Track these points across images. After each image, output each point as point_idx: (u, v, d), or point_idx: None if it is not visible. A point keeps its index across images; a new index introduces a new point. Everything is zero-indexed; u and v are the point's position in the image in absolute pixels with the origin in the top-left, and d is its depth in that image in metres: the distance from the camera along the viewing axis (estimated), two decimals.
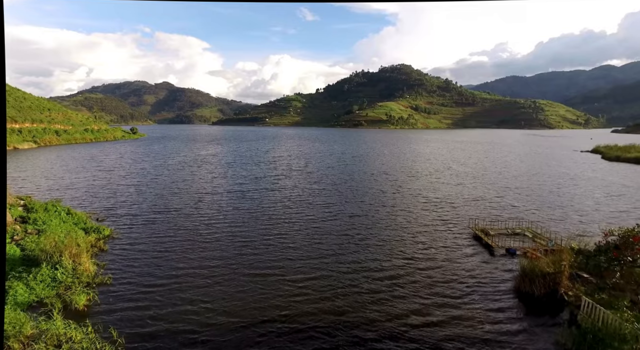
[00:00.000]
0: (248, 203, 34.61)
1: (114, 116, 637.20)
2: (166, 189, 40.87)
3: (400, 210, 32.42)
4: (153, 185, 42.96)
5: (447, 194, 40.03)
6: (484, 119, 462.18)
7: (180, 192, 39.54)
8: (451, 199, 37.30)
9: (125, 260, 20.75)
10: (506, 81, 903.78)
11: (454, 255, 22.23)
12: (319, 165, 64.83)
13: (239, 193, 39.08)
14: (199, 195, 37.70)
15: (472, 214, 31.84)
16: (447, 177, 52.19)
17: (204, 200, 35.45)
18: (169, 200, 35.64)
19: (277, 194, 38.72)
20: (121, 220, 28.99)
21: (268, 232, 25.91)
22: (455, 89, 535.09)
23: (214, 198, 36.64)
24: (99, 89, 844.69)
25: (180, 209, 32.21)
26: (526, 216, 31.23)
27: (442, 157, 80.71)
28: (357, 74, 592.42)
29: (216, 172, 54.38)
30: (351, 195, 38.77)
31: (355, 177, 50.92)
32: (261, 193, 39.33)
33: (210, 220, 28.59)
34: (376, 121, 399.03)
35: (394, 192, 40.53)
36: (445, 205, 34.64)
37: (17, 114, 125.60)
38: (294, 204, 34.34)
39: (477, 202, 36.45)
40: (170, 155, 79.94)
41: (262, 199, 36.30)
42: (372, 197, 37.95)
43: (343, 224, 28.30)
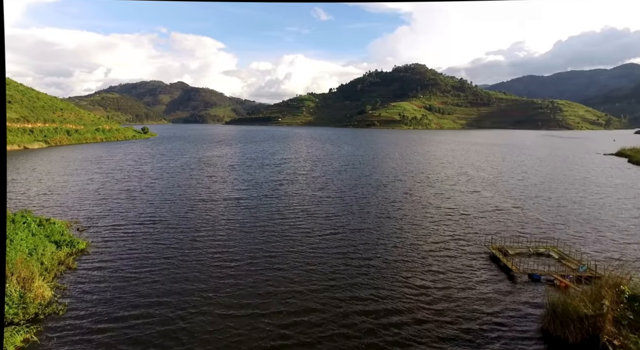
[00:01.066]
0: (242, 213, 31.89)
1: (129, 115, 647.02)
2: (160, 195, 38.58)
3: (408, 224, 29.25)
4: (148, 191, 40.75)
5: (461, 203, 36.64)
6: (500, 120, 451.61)
7: (174, 198, 37.18)
8: (465, 210, 33.93)
9: (90, 283, 18.28)
10: (523, 81, 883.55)
11: (467, 283, 19.07)
12: (326, 169, 61.94)
13: (234, 201, 36.44)
14: (191, 203, 35.23)
15: (488, 228, 28.53)
16: (461, 183, 48.66)
17: (195, 209, 32.93)
18: (159, 208, 33.26)
19: (276, 203, 35.96)
20: (103, 230, 26.71)
21: (257, 252, 23.07)
22: (470, 88, 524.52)
23: (206, 206, 34.08)
24: (115, 88, 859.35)
25: (167, 219, 29.72)
26: (550, 232, 27.76)
27: (457, 161, 76.85)
28: (371, 73, 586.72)
29: (217, 176, 52.02)
30: (356, 204, 35.76)
31: (363, 183, 47.85)
32: (259, 201, 36.64)
33: (196, 235, 25.96)
34: (389, 121, 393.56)
35: (402, 201, 37.34)
36: (459, 218, 31.33)
37: (29, 114, 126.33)
38: (293, 215, 31.52)
39: (494, 213, 33.01)
40: (175, 157, 78.18)
41: (258, 209, 33.58)
42: (379, 207, 34.87)
43: (343, 240, 25.32)
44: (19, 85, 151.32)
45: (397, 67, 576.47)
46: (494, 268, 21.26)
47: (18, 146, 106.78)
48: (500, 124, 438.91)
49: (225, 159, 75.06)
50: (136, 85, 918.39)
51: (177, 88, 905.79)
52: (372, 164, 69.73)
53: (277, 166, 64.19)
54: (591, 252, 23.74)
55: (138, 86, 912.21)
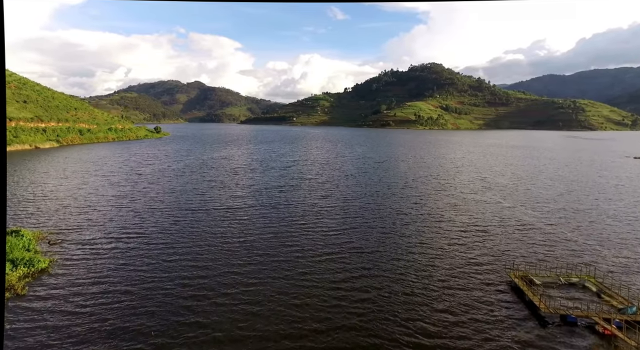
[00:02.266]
0: (232, 228, 28.76)
1: (147, 114, 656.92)
2: (150, 203, 35.93)
3: (416, 244, 25.59)
4: (138, 198, 38.18)
5: (478, 216, 32.74)
6: (518, 120, 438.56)
7: (163, 207, 34.43)
8: (483, 225, 30.05)
9: (30, 321, 15.43)
10: (543, 80, 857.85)
11: (483, 326, 15.46)
12: (333, 173, 58.54)
13: (226, 212, 33.38)
14: (180, 214, 32.37)
15: (509, 248, 24.70)
16: (478, 191, 44.55)
17: (181, 222, 29.99)
18: (143, 219, 30.49)
19: (271, 215, 32.73)
20: (75, 245, 24.07)
21: (239, 277, 19.94)
22: (488, 88, 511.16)
23: (193, 218, 31.07)
24: (134, 88, 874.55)
25: (148, 234, 26.84)
26: (583, 255, 23.76)
27: (474, 165, 72.27)
28: (386, 73, 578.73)
29: (216, 181, 49.21)
30: (360, 217, 32.28)
31: (370, 191, 44.26)
32: (254, 212, 33.51)
33: (173, 254, 22.96)
34: (404, 121, 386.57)
35: (412, 214, 33.63)
36: (475, 235, 27.50)
37: (44, 114, 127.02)
38: (289, 230, 28.25)
39: (515, 229, 29.04)
40: (179, 158, 76.04)
41: (252, 222, 30.42)
42: (385, 221, 31.29)
43: (341, 264, 21.91)
44: (36, 85, 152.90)
45: (413, 67, 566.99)
46: (516, 304, 17.58)
47: (29, 146, 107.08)
48: (519, 124, 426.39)
49: (230, 161, 72.48)
50: (154, 84, 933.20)
51: (194, 87, 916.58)
52: (383, 168, 65.94)
53: (282, 170, 61.13)
54: (638, 283, 19.75)
55: (156, 86, 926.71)
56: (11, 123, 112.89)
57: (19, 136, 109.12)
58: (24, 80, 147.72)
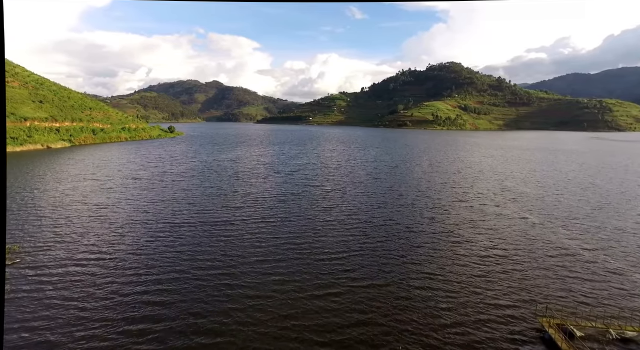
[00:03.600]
0: (213, 248, 25.15)
1: (166, 114, 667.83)
2: (132, 215, 32.80)
3: (426, 276, 21.26)
4: (122, 208, 35.17)
5: (502, 237, 28.17)
6: (541, 120, 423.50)
7: (145, 220, 31.22)
8: (507, 249, 25.56)
9: None
10: (566, 79, 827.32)
11: None
12: (343, 180, 54.56)
13: (214, 227, 29.81)
14: (161, 228, 28.99)
15: (540, 283, 20.29)
16: (501, 203, 39.79)
17: (159, 239, 26.55)
18: (120, 236, 27.27)
19: (265, 231, 29.02)
20: (28, 269, 20.97)
21: (206, 321, 16.32)
22: (509, 88, 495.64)
23: (174, 235, 27.53)
24: (155, 88, 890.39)
25: (117, 256, 23.48)
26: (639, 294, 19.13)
27: (495, 170, 66.88)
28: (404, 72, 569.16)
29: (214, 187, 45.92)
30: (365, 237, 28.18)
31: (380, 202, 40.09)
32: (244, 227, 29.84)
33: (137, 287, 19.47)
34: (422, 122, 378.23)
35: (425, 233, 29.34)
36: (498, 263, 23.06)
37: (59, 114, 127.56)
38: (278, 253, 24.48)
39: (547, 256, 24.43)
40: (184, 160, 73.35)
41: (238, 241, 26.72)
42: (393, 242, 27.14)
43: (331, 307, 17.96)
44: (53, 86, 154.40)
45: (431, 66, 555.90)
46: None
47: (42, 146, 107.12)
48: (541, 125, 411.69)
49: (235, 164, 69.29)
50: (174, 84, 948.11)
51: (212, 87, 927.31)
52: (396, 173, 61.47)
53: (287, 175, 57.50)
54: None
55: (175, 85, 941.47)
56: (26, 123, 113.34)
57: (32, 136, 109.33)
58: (42, 81, 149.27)
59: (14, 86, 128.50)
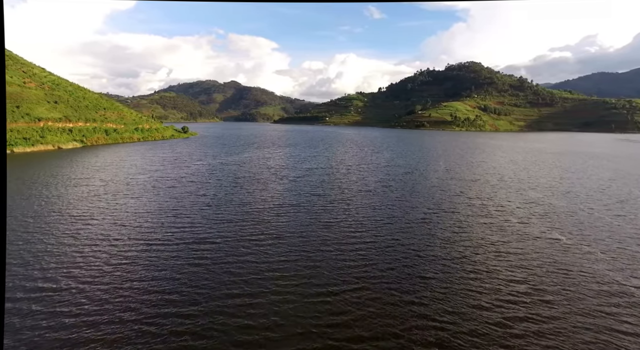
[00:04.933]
0: (181, 276, 21.55)
1: (184, 114, 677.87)
2: (107, 230, 29.58)
3: (430, 327, 16.91)
4: (106, 217, 32.12)
5: (529, 268, 23.48)
6: (564, 121, 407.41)
7: (126, 234, 27.96)
8: (536, 286, 20.99)
9: None
10: (592, 78, 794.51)
11: None
12: (351, 188, 50.45)
13: (195, 244, 26.21)
14: (137, 249, 25.59)
15: (581, 338, 15.87)
16: (526, 218, 34.95)
17: (127, 257, 23.19)
18: (89, 256, 24.05)
19: (251, 252, 25.26)
20: None
21: None
22: (531, 87, 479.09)
23: (145, 257, 23.95)
24: (174, 88, 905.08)
25: (75, 283, 20.23)
26: None
27: (517, 177, 61.36)
28: (422, 72, 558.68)
29: (208, 196, 42.49)
30: (364, 264, 24.10)
31: (388, 215, 35.87)
32: (227, 246, 26.12)
33: (94, 327, 16.04)
34: (440, 122, 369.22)
35: (436, 261, 24.92)
36: (524, 308, 18.61)
37: (72, 114, 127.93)
38: (260, 282, 20.75)
39: (590, 299, 19.77)
40: (188, 163, 70.59)
41: (213, 265, 23.09)
42: (395, 271, 22.94)
43: None
44: (69, 86, 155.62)
45: (450, 66, 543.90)
46: None
47: (52, 146, 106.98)
48: (564, 126, 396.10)
49: (239, 168, 66.03)
50: (192, 84, 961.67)
51: (230, 87, 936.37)
52: (409, 180, 56.92)
53: (291, 181, 53.77)
54: None
55: (194, 85, 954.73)
56: (40, 123, 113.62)
57: (45, 136, 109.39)
58: (58, 81, 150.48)
59: (30, 87, 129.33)
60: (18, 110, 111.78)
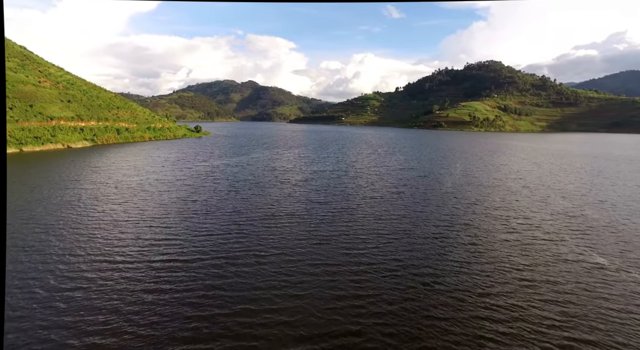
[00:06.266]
0: (158, 296, 17.85)
1: (201, 113, 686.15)
2: (77, 242, 26.32)
3: None
4: (75, 227, 28.89)
5: (566, 305, 18.76)
6: (589, 121, 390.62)
7: (89, 252, 24.55)
8: (577, 330, 16.49)
9: None
10: (619, 77, 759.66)
11: None
12: (358, 194, 46.16)
13: (164, 263, 22.46)
14: (101, 262, 22.16)
15: None
16: (556, 235, 29.98)
17: (93, 276, 19.63)
18: (47, 267, 20.68)
19: (224, 276, 21.48)
20: None
21: None
22: (554, 87, 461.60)
23: (112, 272, 20.45)
24: (193, 88, 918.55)
25: None
26: None
27: (543, 183, 55.67)
28: (440, 71, 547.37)
29: (199, 202, 38.90)
30: (358, 291, 19.91)
31: (394, 231, 31.48)
32: (200, 269, 22.35)
33: None
34: (458, 122, 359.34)
35: (446, 293, 20.45)
36: None
37: (85, 113, 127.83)
38: (227, 324, 16.89)
39: None
40: (189, 164, 67.56)
41: (189, 287, 19.34)
42: (400, 306, 18.75)
43: None
44: (83, 85, 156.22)
45: (469, 65, 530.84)
46: None
47: (62, 145, 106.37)
48: (589, 126, 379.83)
49: (243, 170, 62.47)
50: (211, 84, 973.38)
51: (247, 87, 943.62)
52: (422, 187, 52.13)
53: (294, 186, 49.81)
54: None
55: (212, 85, 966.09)
56: (52, 122, 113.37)
57: (56, 135, 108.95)
58: (73, 81, 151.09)
59: (45, 86, 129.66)
60: (31, 109, 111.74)
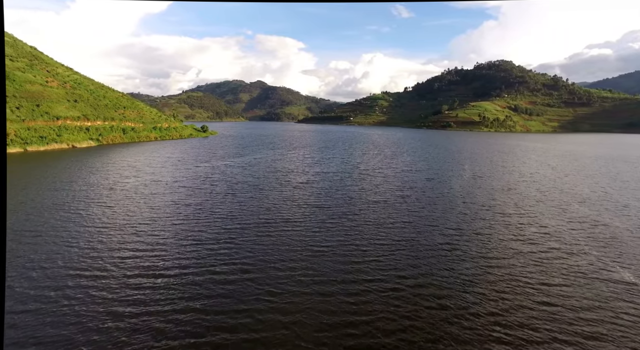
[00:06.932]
0: (124, 317, 15.84)
1: (210, 113, 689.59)
2: (40, 254, 24.57)
3: None
4: (52, 233, 27.18)
5: (598, 329, 16.46)
6: (603, 122, 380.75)
7: (59, 263, 22.76)
8: None
9: None
10: (634, 76, 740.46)
11: None
12: (360, 197, 43.85)
13: (141, 277, 20.50)
14: (76, 271, 20.29)
15: None
16: (578, 247, 27.27)
17: (69, 285, 17.73)
18: None
19: (204, 293, 19.44)
20: None
21: None
22: (566, 86, 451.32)
23: (83, 282, 18.54)
24: (202, 88, 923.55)
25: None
26: None
27: (559, 188, 52.57)
28: (450, 71, 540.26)
29: (192, 206, 37.02)
30: (353, 312, 17.73)
31: (395, 241, 29.14)
32: (181, 285, 20.38)
33: None
34: (467, 123, 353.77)
35: (449, 325, 18.12)
36: None
37: (91, 112, 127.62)
38: None
39: None
40: (189, 165, 65.85)
41: (159, 307, 17.36)
42: (393, 335, 16.46)
43: None
44: (90, 85, 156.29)
45: (479, 64, 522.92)
46: None
47: (67, 145, 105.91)
48: (603, 127, 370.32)
49: (243, 171, 60.49)
50: (220, 84, 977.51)
51: (256, 87, 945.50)
52: (429, 189, 49.57)
53: (295, 189, 47.66)
54: None
55: (222, 85, 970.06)
56: (58, 122, 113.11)
57: (61, 135, 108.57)
58: (80, 80, 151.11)
59: (52, 86, 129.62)
60: (38, 109, 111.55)
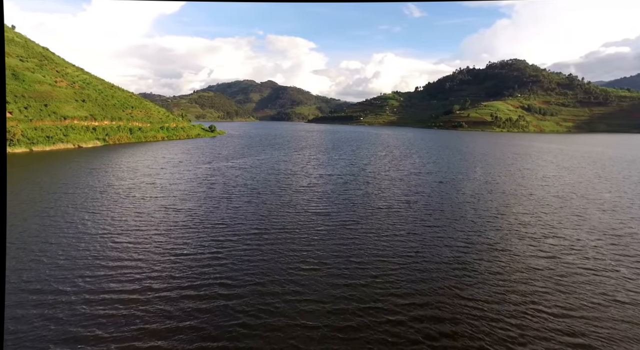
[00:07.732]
0: None
1: (221, 113, 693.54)
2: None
3: None
4: (30, 241, 25.26)
5: None
6: (620, 122, 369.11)
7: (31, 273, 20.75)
8: None
9: None
10: None
11: None
12: (364, 203, 41.20)
13: (120, 294, 18.43)
14: (59, 277, 18.23)
15: None
16: (604, 262, 24.35)
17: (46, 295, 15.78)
18: None
19: (192, 314, 17.15)
20: None
21: None
22: (581, 86, 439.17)
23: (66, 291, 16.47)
24: (213, 88, 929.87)
25: None
26: None
27: (579, 193, 49.08)
28: (461, 71, 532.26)
29: (184, 211, 34.88)
30: (350, 342, 15.30)
31: (400, 253, 26.41)
32: (163, 302, 18.15)
33: None
34: (479, 123, 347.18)
35: None
36: None
37: (98, 112, 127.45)
38: None
39: None
40: (190, 166, 64.03)
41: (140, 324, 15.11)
42: None
43: None
44: (99, 85, 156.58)
45: (491, 64, 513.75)
46: None
47: (73, 145, 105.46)
48: (620, 127, 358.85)
49: (244, 173, 58.31)
50: (231, 84, 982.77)
51: (267, 87, 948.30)
52: (438, 194, 46.67)
53: (295, 193, 45.20)
54: None
55: (232, 85, 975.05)
56: (65, 122, 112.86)
57: (68, 135, 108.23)
58: (89, 80, 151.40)
59: (61, 86, 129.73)
60: (45, 109, 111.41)
